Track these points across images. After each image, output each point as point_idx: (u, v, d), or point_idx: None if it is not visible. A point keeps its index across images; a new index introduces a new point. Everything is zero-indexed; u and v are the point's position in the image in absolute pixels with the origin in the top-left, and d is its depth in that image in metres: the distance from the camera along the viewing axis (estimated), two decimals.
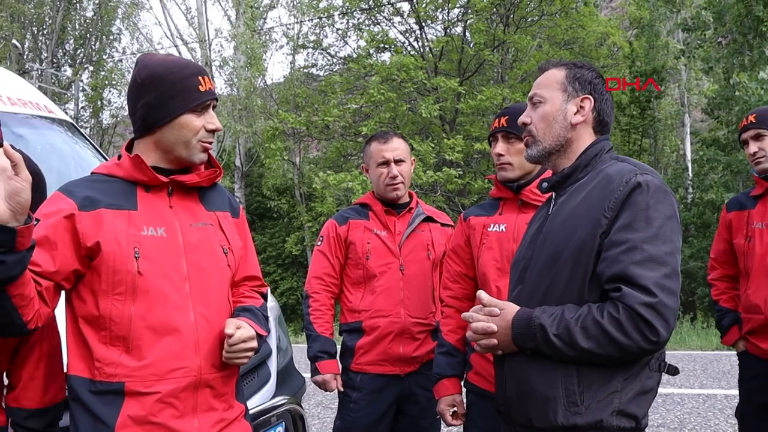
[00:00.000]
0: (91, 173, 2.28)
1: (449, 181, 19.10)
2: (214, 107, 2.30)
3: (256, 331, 2.26)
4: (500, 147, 3.06)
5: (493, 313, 2.11)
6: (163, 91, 2.19)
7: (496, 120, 3.08)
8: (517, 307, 2.11)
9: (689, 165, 22.03)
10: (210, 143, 2.28)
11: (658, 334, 1.92)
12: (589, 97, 2.24)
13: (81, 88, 28.65)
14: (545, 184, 2.30)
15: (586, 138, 2.25)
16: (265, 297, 2.55)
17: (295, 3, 25.98)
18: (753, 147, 3.54)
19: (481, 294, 2.17)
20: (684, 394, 7.36)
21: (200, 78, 2.24)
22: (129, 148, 2.33)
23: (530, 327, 2.02)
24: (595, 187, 2.11)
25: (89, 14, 29.28)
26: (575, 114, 2.23)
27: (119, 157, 2.26)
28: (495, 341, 2.10)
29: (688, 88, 24.43)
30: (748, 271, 3.66)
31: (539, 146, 2.26)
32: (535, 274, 2.16)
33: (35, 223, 1.97)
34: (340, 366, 3.60)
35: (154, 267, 2.14)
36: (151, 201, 2.23)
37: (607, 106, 2.28)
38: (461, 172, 19.66)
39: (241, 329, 2.20)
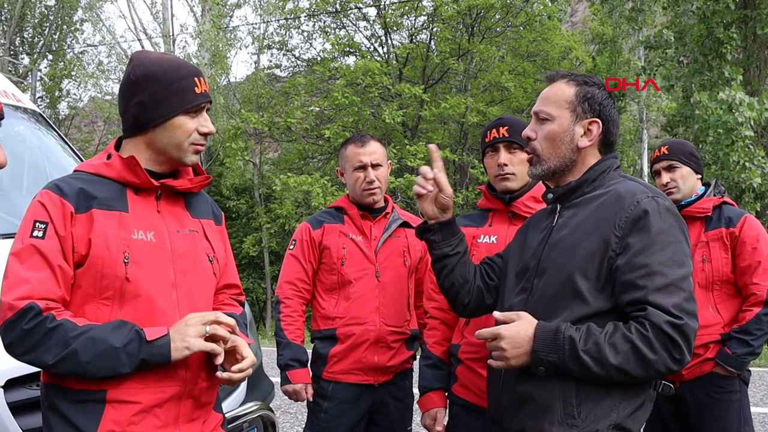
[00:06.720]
0: (75, 171, 2.19)
1: (410, 187, 19.08)
2: (208, 110, 2.24)
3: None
4: (503, 157, 3.02)
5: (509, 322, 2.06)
6: (158, 91, 2.12)
7: (494, 130, 3.03)
8: (535, 319, 2.06)
9: (645, 179, 22.39)
10: (202, 146, 2.23)
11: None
12: (598, 120, 2.21)
13: (38, 78, 28.00)
14: (551, 195, 2.28)
15: (590, 158, 2.24)
16: (243, 305, 2.50)
17: (261, 3, 25.79)
18: (665, 177, 3.65)
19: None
20: None
21: (196, 79, 2.18)
22: (117, 146, 2.25)
23: (557, 339, 1.98)
24: (605, 203, 2.10)
25: (51, 2, 28.63)
26: (582, 136, 2.20)
27: (109, 156, 2.17)
28: (504, 348, 2.01)
29: (646, 105, 24.89)
30: None
31: (544, 165, 2.23)
32: (541, 284, 2.14)
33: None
34: (311, 374, 3.51)
35: (142, 273, 2.07)
36: (140, 204, 2.15)
37: (614, 127, 2.26)
38: None
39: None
